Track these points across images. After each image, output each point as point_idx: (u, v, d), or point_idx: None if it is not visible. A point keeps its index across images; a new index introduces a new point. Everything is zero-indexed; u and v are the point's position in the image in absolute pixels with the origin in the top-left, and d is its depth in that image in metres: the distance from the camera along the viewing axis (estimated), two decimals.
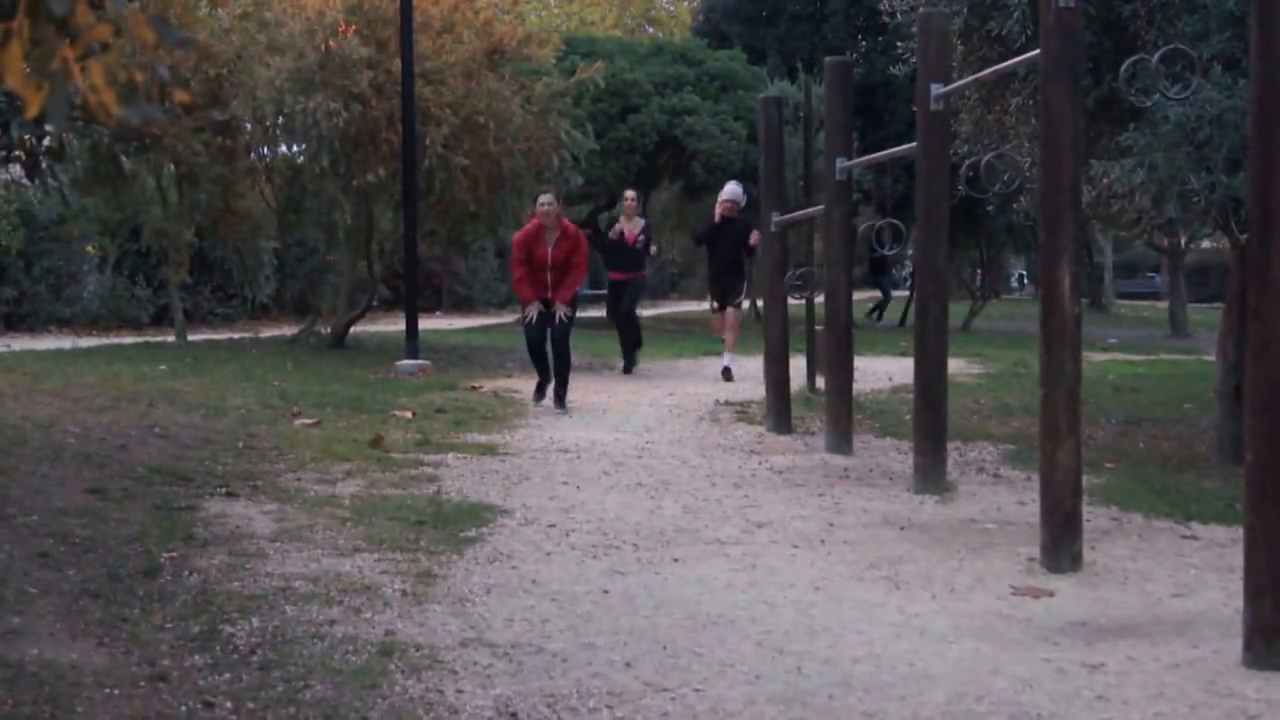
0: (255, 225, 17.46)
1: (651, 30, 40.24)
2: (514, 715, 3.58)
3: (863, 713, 3.66)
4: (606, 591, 4.94)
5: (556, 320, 10.62)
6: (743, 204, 13.70)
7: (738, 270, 13.74)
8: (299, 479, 6.91)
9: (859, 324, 8.42)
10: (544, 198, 10.91)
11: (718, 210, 13.64)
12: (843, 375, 8.84)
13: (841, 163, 8.57)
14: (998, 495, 7.11)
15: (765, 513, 6.55)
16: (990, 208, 12.03)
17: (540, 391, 10.94)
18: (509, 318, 23.60)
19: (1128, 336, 23.43)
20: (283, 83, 13.81)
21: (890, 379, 13.17)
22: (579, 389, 12.22)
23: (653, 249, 15.03)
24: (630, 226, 14.19)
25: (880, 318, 26.93)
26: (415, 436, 8.53)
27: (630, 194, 14.96)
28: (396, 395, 10.70)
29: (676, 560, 5.49)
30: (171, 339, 16.16)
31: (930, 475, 7.19)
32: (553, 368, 10.73)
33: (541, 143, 15.17)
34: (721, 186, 14.34)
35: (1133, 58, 5.88)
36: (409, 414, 9.63)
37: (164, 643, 4.03)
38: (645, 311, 19.05)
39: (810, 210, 10.75)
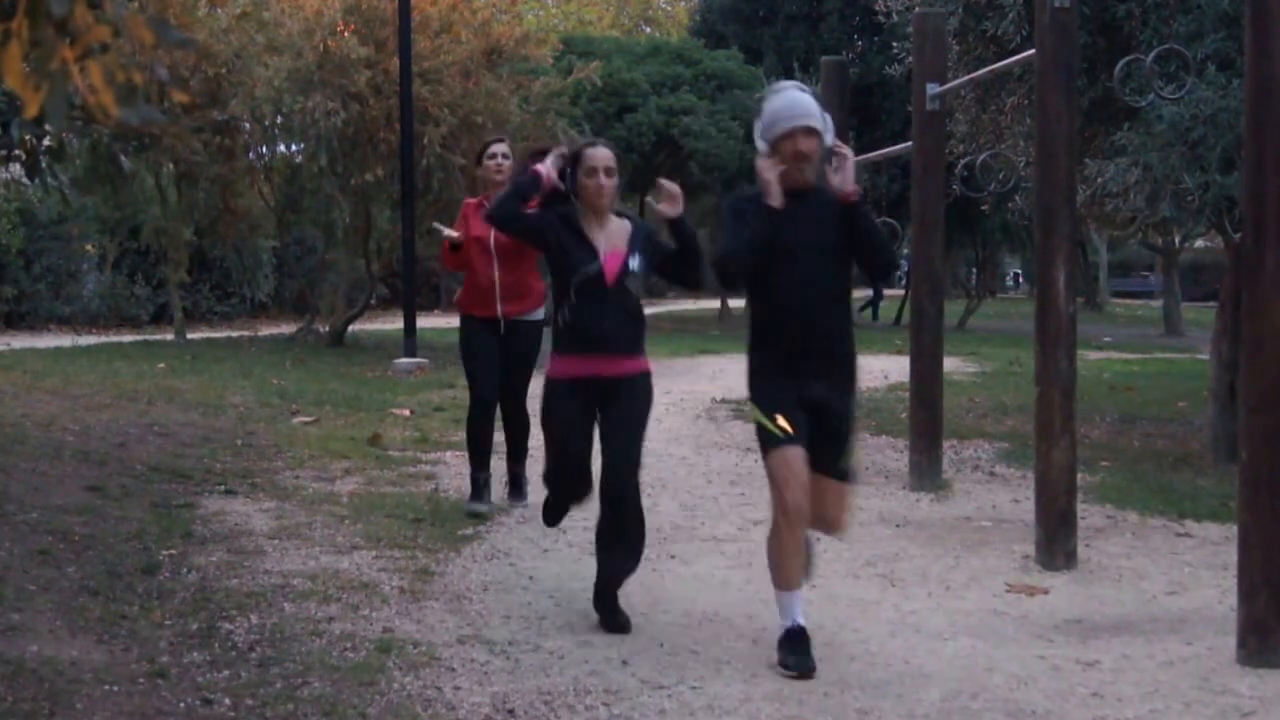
0: (254, 224, 17.53)
1: (649, 30, 40.26)
2: (511, 712, 3.59)
3: (858, 710, 3.67)
4: None
5: (513, 340, 6.32)
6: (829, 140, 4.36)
7: (842, 330, 4.80)
8: (297, 477, 6.92)
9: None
10: (496, 147, 6.38)
11: (766, 168, 4.24)
12: None
13: None
14: (993, 493, 7.13)
15: (761, 510, 6.55)
16: (985, 207, 12.05)
17: (478, 491, 6.33)
18: None
19: (1122, 335, 23.44)
20: (281, 82, 13.84)
21: (886, 377, 13.17)
22: None
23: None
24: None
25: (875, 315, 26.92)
26: (413, 434, 8.54)
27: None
28: (394, 393, 10.71)
29: (673, 557, 5.50)
30: (170, 337, 16.18)
31: (926, 473, 7.21)
32: (507, 435, 6.53)
33: (539, 142, 15.18)
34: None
35: (1127, 58, 5.90)
36: (407, 412, 9.64)
37: (163, 640, 4.04)
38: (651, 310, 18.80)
39: None
